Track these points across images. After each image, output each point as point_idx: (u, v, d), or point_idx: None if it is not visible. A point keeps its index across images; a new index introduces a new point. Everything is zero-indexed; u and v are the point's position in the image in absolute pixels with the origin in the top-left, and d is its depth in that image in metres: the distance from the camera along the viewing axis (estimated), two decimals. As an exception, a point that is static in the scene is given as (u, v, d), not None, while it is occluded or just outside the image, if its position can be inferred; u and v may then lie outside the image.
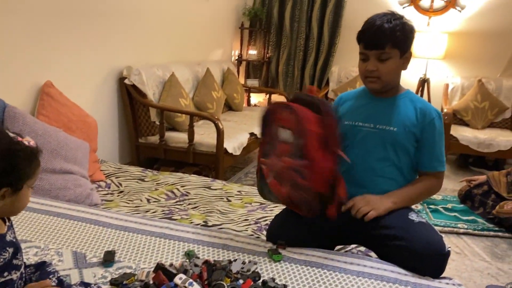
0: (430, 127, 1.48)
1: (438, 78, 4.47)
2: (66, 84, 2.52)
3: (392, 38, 1.41)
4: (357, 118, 1.54)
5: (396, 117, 1.48)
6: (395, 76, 1.50)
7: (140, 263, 1.28)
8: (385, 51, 1.42)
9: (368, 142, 1.51)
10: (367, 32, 1.46)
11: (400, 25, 1.43)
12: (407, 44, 1.46)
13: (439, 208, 2.95)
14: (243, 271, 1.20)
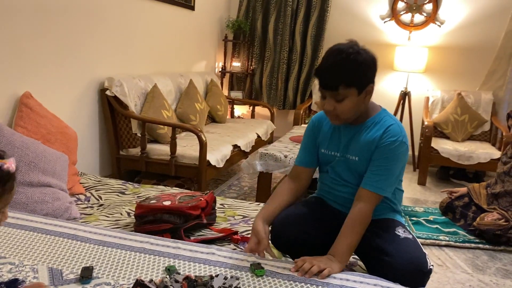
0: (384, 148, 1.43)
1: (419, 91, 4.54)
2: (46, 95, 2.48)
3: (345, 78, 1.36)
4: (330, 147, 1.57)
5: (360, 147, 1.49)
6: (356, 112, 1.45)
7: (119, 279, 1.24)
8: (338, 92, 1.38)
9: (338, 168, 1.57)
10: (320, 71, 1.41)
11: (354, 62, 1.36)
12: (364, 80, 1.40)
13: (421, 220, 2.97)
14: (225, 287, 1.17)
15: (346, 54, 1.37)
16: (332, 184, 1.62)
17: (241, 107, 5.12)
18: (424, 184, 3.95)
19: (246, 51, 4.97)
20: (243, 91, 5.05)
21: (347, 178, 1.56)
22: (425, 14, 4.42)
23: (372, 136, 1.46)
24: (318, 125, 1.62)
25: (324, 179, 1.67)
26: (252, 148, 3.70)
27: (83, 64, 2.82)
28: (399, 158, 1.44)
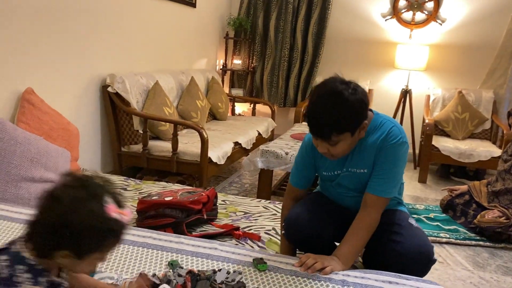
0: (387, 151, 1.42)
1: (420, 89, 4.55)
2: (48, 92, 2.48)
3: (335, 128, 1.33)
4: (332, 168, 1.55)
5: (365, 158, 1.46)
6: (350, 148, 1.43)
7: (122, 273, 1.25)
8: (331, 140, 1.35)
9: (344, 181, 1.55)
10: (309, 120, 1.37)
11: (343, 110, 1.31)
12: (356, 123, 1.36)
13: (421, 218, 2.97)
14: (228, 281, 1.18)
15: (335, 102, 1.32)
16: (337, 194, 1.63)
17: (242, 105, 5.12)
18: (425, 182, 3.96)
19: (247, 49, 4.97)
20: (244, 88, 5.06)
21: (355, 188, 1.54)
22: (426, 12, 4.42)
23: (373, 142, 1.44)
24: (313, 150, 1.55)
25: (328, 187, 1.66)
26: (253, 146, 3.70)
27: (85, 60, 2.83)
28: (401, 158, 1.44)
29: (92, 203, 0.83)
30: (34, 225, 0.85)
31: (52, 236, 0.82)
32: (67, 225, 0.81)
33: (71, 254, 0.84)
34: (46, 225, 0.82)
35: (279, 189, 3.35)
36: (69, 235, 0.81)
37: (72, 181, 0.85)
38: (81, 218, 0.81)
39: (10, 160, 1.94)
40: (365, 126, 1.40)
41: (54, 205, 0.83)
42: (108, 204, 0.84)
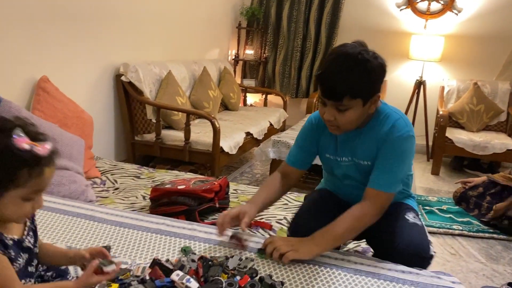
0: (392, 144, 1.34)
1: (434, 80, 4.49)
2: (62, 80, 2.50)
3: (350, 90, 1.24)
4: (336, 153, 1.46)
5: (369, 150, 1.39)
6: (358, 123, 1.35)
7: (136, 259, 1.27)
8: (342, 103, 1.26)
9: (350, 172, 1.47)
10: (323, 78, 1.27)
11: (362, 72, 1.23)
12: (371, 90, 1.28)
13: (434, 210, 2.95)
14: (240, 268, 1.18)
15: (354, 61, 1.24)
16: (343, 186, 1.55)
17: (254, 95, 5.11)
18: (438, 174, 3.92)
19: (260, 39, 4.95)
20: (256, 79, 5.04)
21: (362, 180, 1.45)
22: (442, 2, 4.34)
23: (378, 134, 1.37)
24: (319, 127, 1.48)
25: (334, 181, 1.59)
26: (265, 136, 3.70)
27: (99, 49, 2.84)
28: (407, 153, 1.37)
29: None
30: None
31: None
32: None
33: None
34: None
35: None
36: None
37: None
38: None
39: (26, 147, 1.97)
40: (377, 99, 1.32)
41: None
42: (18, 136, 0.81)
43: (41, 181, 0.85)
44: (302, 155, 1.53)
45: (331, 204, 1.55)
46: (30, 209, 0.87)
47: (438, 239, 2.55)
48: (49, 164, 0.86)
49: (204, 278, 1.08)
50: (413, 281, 1.23)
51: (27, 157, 0.81)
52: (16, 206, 0.85)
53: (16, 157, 0.80)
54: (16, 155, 0.80)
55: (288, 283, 1.18)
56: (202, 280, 1.08)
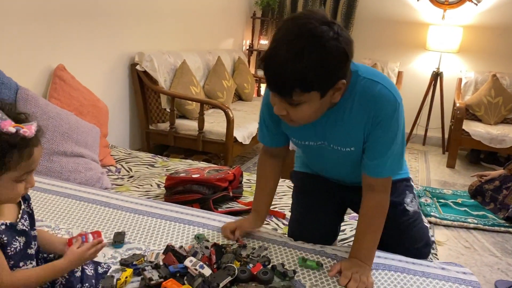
0: (383, 124, 1.13)
1: (452, 72, 4.41)
2: (78, 69, 2.52)
3: (300, 83, 0.98)
4: (304, 137, 1.25)
5: (351, 136, 1.18)
6: (317, 115, 1.11)
7: (150, 245, 1.28)
8: (292, 99, 1.02)
9: (324, 153, 1.28)
10: (266, 68, 1.01)
11: (317, 59, 0.96)
12: (330, 80, 1.02)
13: (448, 203, 2.92)
14: (253, 256, 1.19)
15: (307, 43, 0.96)
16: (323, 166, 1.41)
17: (268, 86, 5.09)
18: (453, 167, 3.87)
19: (274, 29, 4.92)
20: (270, 69, 5.01)
21: (344, 161, 1.28)
22: (461, -9, 4.26)
23: (359, 114, 1.14)
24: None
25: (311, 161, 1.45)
26: (279, 127, 3.69)
27: (114, 38, 2.86)
28: (401, 125, 1.17)
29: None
30: None
31: None
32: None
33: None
34: None
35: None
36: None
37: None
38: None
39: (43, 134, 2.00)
40: (341, 87, 1.06)
41: None
42: (2, 119, 0.81)
43: (31, 162, 0.85)
44: (272, 134, 1.34)
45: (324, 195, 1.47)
46: (22, 189, 0.88)
47: (452, 232, 2.53)
48: (37, 144, 0.86)
49: (217, 265, 1.09)
50: (424, 272, 1.22)
51: (15, 140, 0.81)
52: (9, 189, 0.85)
53: (3, 142, 0.80)
54: (3, 140, 0.80)
55: (300, 273, 1.18)
56: (215, 266, 1.09)
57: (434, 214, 2.69)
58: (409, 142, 4.58)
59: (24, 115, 0.87)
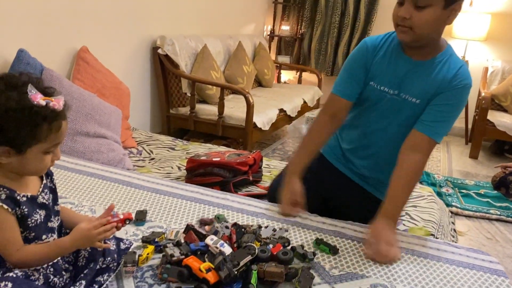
0: (454, 93, 1.27)
1: (478, 60, 4.30)
2: (101, 51, 2.54)
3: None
4: (383, 82, 1.35)
5: (423, 87, 1.29)
6: (433, 30, 1.24)
7: (170, 224, 1.30)
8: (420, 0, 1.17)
9: (390, 108, 1.36)
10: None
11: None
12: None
13: (471, 193, 2.87)
14: (274, 237, 1.19)
15: None
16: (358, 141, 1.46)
17: (288, 72, 5.06)
18: (476, 158, 3.80)
19: (296, 14, 4.86)
20: (291, 55, 4.98)
21: (399, 124, 1.36)
22: (490, -23, 4.12)
23: (442, 77, 1.28)
24: (373, 51, 1.36)
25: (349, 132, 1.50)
26: (298, 114, 3.67)
27: (137, 21, 2.87)
28: (464, 102, 1.30)
29: (11, 93, 0.82)
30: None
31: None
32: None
33: (11, 149, 0.84)
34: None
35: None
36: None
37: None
38: (2, 109, 0.81)
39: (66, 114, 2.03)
40: (457, 9, 1.21)
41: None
42: (32, 92, 0.83)
43: (59, 134, 0.88)
44: (352, 83, 1.39)
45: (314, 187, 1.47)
46: (49, 161, 0.90)
47: (474, 222, 2.49)
48: (65, 118, 0.89)
49: (237, 244, 1.09)
50: (448, 259, 1.20)
51: (46, 113, 0.83)
52: (38, 160, 0.87)
53: (36, 114, 0.82)
54: (36, 112, 0.82)
55: (319, 254, 1.18)
56: (235, 246, 1.09)
57: (455, 204, 2.65)
58: (431, 132, 4.50)
59: (52, 89, 0.88)
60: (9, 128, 0.81)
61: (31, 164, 0.87)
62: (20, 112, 0.81)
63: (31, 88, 0.83)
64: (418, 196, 1.89)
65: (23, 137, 0.83)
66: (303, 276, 1.02)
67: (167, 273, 1.00)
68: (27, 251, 0.87)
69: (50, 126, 0.85)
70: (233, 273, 0.96)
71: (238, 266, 0.98)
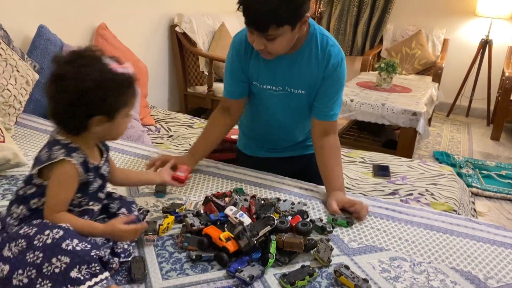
0: (334, 76, 1.35)
1: (502, 40, 4.17)
2: (119, 28, 2.55)
3: (275, 19, 1.15)
4: (264, 80, 1.39)
5: (305, 79, 1.36)
6: (290, 45, 1.27)
7: (190, 196, 1.31)
8: (268, 34, 1.18)
9: (277, 103, 1.43)
10: (245, 9, 1.17)
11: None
12: (299, 14, 1.19)
13: (492, 174, 2.83)
14: (292, 211, 1.19)
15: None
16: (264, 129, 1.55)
17: (306, 53, 4.99)
18: (498, 140, 3.72)
19: (315, -7, 4.78)
20: (309, 35, 4.90)
21: (282, 117, 1.46)
22: (518, -48, 3.97)
23: (314, 61, 1.34)
24: (245, 53, 1.37)
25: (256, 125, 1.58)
26: (316, 93, 3.63)
27: (155, -1, 2.85)
28: (345, 73, 1.39)
29: (96, 65, 0.87)
30: (58, 113, 0.89)
31: (80, 109, 0.87)
32: (86, 92, 0.85)
33: (104, 117, 0.90)
34: (68, 104, 0.86)
35: (341, 137, 3.30)
36: (94, 100, 0.87)
37: (67, 57, 0.88)
38: (94, 81, 0.85)
39: (87, 90, 2.05)
40: (306, 19, 1.24)
41: (64, 84, 0.85)
42: (112, 63, 0.89)
43: (136, 97, 0.96)
44: (235, 83, 1.45)
45: None
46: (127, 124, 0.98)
47: (494, 203, 2.45)
48: (136, 81, 0.95)
49: (256, 215, 1.10)
50: (468, 234, 1.19)
51: (127, 79, 0.91)
52: (122, 124, 0.96)
53: (122, 81, 0.89)
54: (120, 79, 0.89)
55: (338, 228, 1.18)
56: (254, 217, 1.10)
57: (475, 185, 2.61)
58: (452, 114, 4.42)
59: (117, 58, 0.93)
60: (106, 98, 0.88)
61: (118, 129, 0.95)
62: (112, 82, 0.88)
63: (108, 59, 0.89)
64: (438, 174, 1.86)
65: (116, 104, 0.90)
66: (322, 248, 1.02)
67: (187, 242, 1.01)
68: (65, 217, 0.89)
69: (132, 90, 0.93)
70: (253, 242, 0.97)
71: (258, 236, 0.98)
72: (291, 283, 0.91)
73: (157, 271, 0.95)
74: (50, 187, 0.89)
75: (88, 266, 0.79)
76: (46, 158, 0.89)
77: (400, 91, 3.18)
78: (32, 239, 0.80)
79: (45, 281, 0.76)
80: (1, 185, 1.27)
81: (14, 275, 0.78)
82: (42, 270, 0.77)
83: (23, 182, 0.93)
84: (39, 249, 0.78)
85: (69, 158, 0.88)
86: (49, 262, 0.77)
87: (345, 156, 2.10)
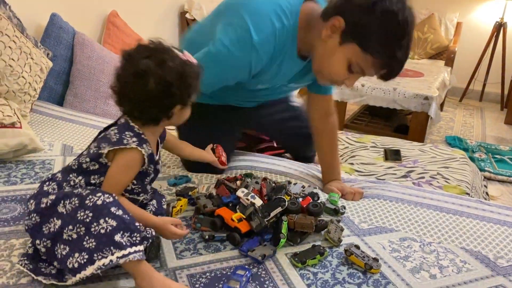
0: None
1: (517, 22, 4.10)
2: (130, 15, 2.56)
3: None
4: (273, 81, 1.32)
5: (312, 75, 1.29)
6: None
7: (202, 180, 1.33)
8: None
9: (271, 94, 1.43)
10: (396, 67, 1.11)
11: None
12: None
13: (505, 159, 2.80)
14: (303, 193, 1.21)
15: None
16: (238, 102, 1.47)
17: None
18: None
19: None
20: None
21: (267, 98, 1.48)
22: None
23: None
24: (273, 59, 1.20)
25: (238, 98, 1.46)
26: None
27: (164, -15, 2.86)
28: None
29: (173, 58, 0.89)
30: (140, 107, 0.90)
31: (165, 101, 0.90)
32: (172, 84, 0.88)
33: (181, 106, 0.94)
34: (154, 98, 0.89)
35: (352, 122, 3.29)
36: (178, 91, 0.90)
37: (142, 53, 0.89)
38: (177, 73, 0.89)
39: (99, 78, 2.07)
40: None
41: (145, 80, 0.87)
42: (179, 53, 0.91)
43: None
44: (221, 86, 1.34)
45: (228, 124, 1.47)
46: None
47: (507, 187, 2.44)
48: None
49: (268, 197, 1.12)
50: (478, 215, 1.20)
51: (198, 66, 0.94)
52: (189, 110, 0.98)
53: (191, 71, 0.92)
54: (191, 70, 0.92)
55: (348, 209, 1.19)
56: (265, 199, 1.12)
57: (488, 169, 2.59)
58: (465, 98, 4.37)
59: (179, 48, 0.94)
60: (188, 87, 0.92)
61: (186, 115, 0.98)
62: (190, 71, 0.91)
63: (177, 51, 0.91)
64: (450, 158, 1.86)
65: (192, 91, 0.94)
66: (332, 228, 1.04)
67: (200, 223, 1.03)
68: (121, 201, 0.89)
69: (198, 79, 0.95)
70: (264, 223, 0.99)
71: (269, 217, 1.00)
72: (302, 262, 0.93)
73: (172, 251, 0.98)
74: (115, 169, 0.91)
75: (131, 235, 0.82)
76: (117, 140, 0.90)
77: (412, 75, 3.16)
78: (84, 199, 0.83)
79: (91, 240, 0.80)
80: (19, 169, 1.30)
81: (65, 230, 0.82)
82: (90, 229, 0.80)
83: (89, 157, 0.93)
84: (90, 209, 0.82)
85: (141, 148, 0.91)
86: (97, 222, 0.80)
87: (356, 142, 2.09)
